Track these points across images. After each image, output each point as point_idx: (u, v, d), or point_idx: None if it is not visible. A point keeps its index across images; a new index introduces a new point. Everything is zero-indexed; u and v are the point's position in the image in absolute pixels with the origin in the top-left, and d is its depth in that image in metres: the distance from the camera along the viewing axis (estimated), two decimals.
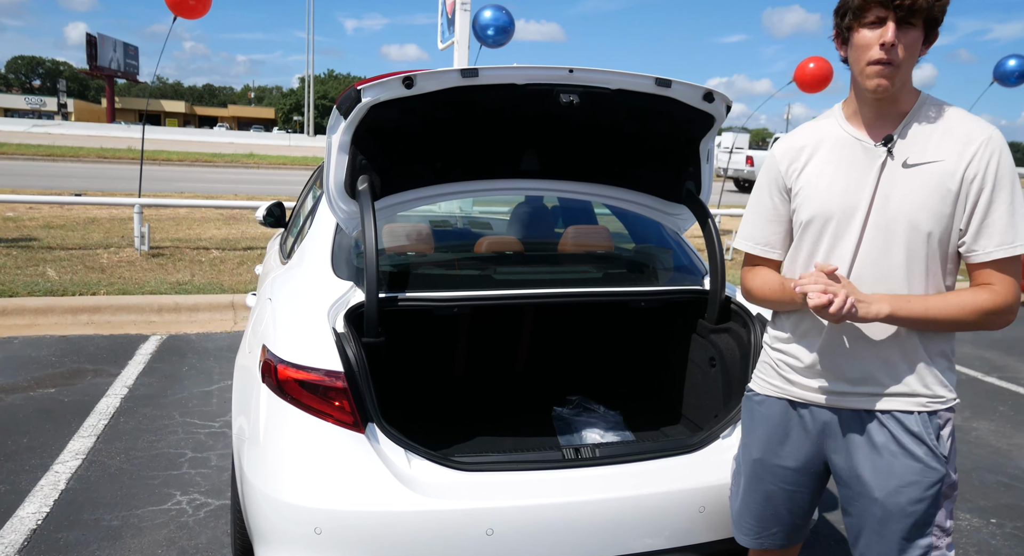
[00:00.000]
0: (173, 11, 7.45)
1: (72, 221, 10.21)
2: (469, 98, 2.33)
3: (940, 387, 1.71)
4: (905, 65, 1.62)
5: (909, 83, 1.68)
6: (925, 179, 1.63)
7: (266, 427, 2.14)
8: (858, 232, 1.70)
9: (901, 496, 1.70)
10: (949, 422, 1.72)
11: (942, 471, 1.69)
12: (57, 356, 5.13)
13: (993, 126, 1.63)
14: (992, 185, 1.59)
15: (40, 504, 3.14)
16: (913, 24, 1.58)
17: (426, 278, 2.72)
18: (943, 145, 1.63)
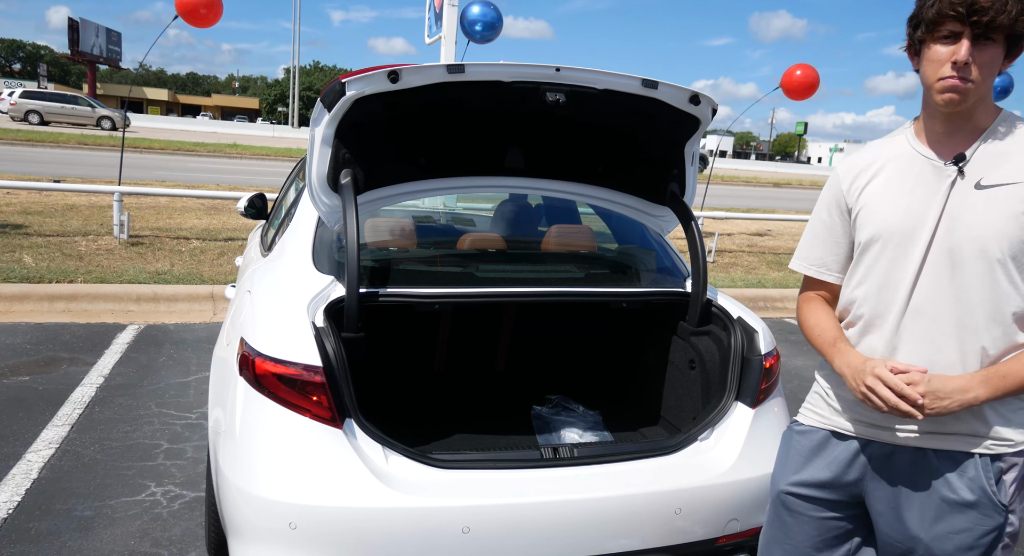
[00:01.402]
0: (184, 18, 7.37)
1: (50, 208, 10.07)
2: (455, 94, 2.32)
3: (1007, 429, 1.55)
4: (981, 83, 1.51)
5: (988, 99, 1.57)
6: (999, 202, 1.50)
7: (242, 420, 2.13)
8: (921, 255, 1.58)
9: (948, 542, 1.57)
10: (1016, 468, 1.56)
11: (999, 520, 1.55)
12: (32, 344, 5.06)
13: None
14: None
15: (12, 493, 3.10)
16: (993, 39, 1.48)
17: (408, 274, 2.71)
18: (1018, 163, 1.51)
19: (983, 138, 1.56)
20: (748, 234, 13.19)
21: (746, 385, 2.43)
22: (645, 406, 3.05)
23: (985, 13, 1.45)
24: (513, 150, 2.72)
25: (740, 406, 2.42)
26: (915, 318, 1.60)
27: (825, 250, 1.80)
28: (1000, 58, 1.51)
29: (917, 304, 1.59)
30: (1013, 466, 1.56)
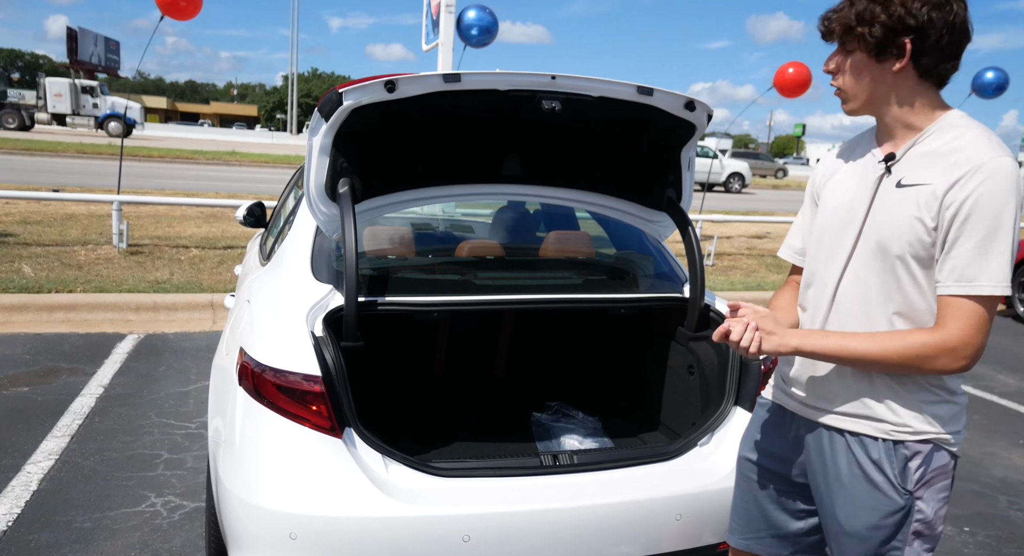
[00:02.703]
0: (163, 11, 7.38)
1: (49, 217, 10.08)
2: (451, 103, 2.32)
3: (912, 418, 1.62)
4: (856, 91, 1.59)
5: (913, 101, 1.58)
6: (908, 202, 1.55)
7: (242, 430, 2.13)
8: (849, 249, 1.66)
9: (857, 520, 1.67)
10: (920, 455, 1.62)
11: (900, 503, 1.63)
12: (31, 354, 5.06)
13: (1007, 156, 1.48)
14: (967, 215, 1.47)
15: (11, 505, 3.10)
16: (850, 48, 1.56)
17: (406, 282, 2.71)
18: (935, 168, 1.53)
19: (916, 139, 1.60)
20: (747, 237, 13.20)
21: (745, 390, 2.43)
22: (644, 412, 3.05)
23: (827, 23, 1.57)
24: (510, 157, 2.72)
25: (739, 411, 2.42)
26: (840, 307, 1.68)
27: (801, 238, 1.89)
28: (870, 63, 1.56)
29: (841, 294, 1.68)
30: (917, 454, 1.62)
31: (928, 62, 1.54)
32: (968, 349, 1.51)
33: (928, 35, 1.50)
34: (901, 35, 1.51)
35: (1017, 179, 1.47)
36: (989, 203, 1.46)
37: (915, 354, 1.53)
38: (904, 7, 1.49)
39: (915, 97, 1.59)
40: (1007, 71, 10.63)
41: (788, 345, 1.60)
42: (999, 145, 1.52)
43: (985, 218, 1.47)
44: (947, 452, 1.65)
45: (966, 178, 1.48)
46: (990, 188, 1.46)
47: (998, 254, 1.47)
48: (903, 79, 1.56)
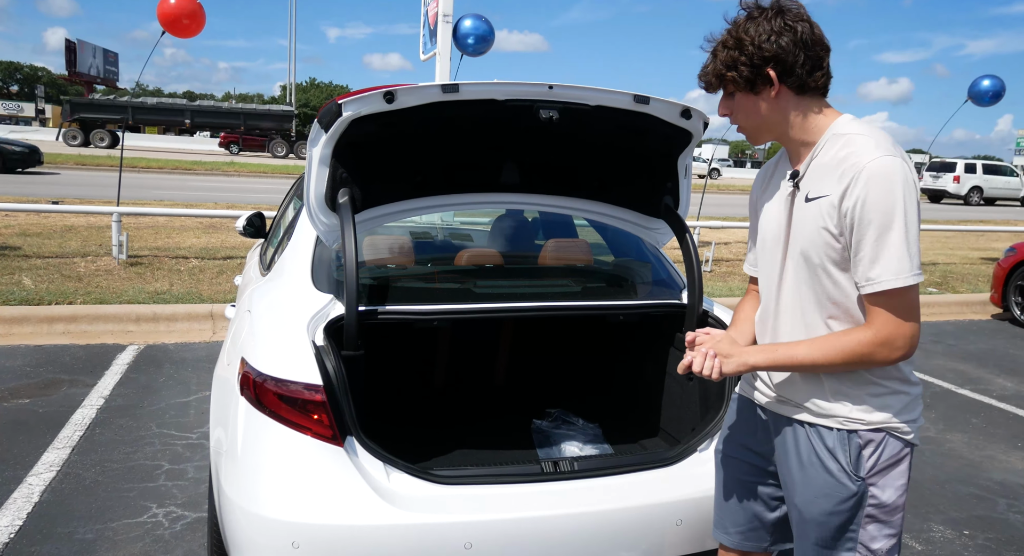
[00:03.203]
0: (167, 30, 7.42)
1: (49, 229, 10.10)
2: (450, 113, 2.35)
3: (862, 409, 1.71)
4: (752, 123, 1.75)
5: (800, 119, 1.71)
6: (816, 214, 1.66)
7: (244, 440, 2.14)
8: (781, 261, 1.79)
9: (815, 506, 1.77)
10: (873, 444, 1.71)
11: (852, 488, 1.72)
12: (32, 366, 5.07)
13: (888, 154, 1.57)
14: (859, 219, 1.58)
15: (13, 517, 3.10)
16: (730, 91, 1.72)
17: (406, 291, 2.73)
18: (831, 179, 1.63)
19: (813, 153, 1.71)
20: (745, 243, 13.23)
21: None
22: (644, 418, 3.06)
23: (704, 79, 1.76)
24: (508, 166, 2.74)
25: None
26: (783, 316, 1.80)
27: (755, 252, 1.98)
28: (750, 98, 1.71)
29: (783, 304, 1.80)
30: (870, 442, 1.72)
31: (797, 79, 1.66)
32: (900, 339, 1.61)
33: (785, 59, 1.64)
34: (763, 67, 1.65)
35: (902, 173, 1.56)
36: (876, 204, 1.56)
37: (854, 352, 1.63)
38: (755, 45, 1.64)
39: (802, 113, 1.71)
40: (1002, 77, 10.69)
41: (746, 364, 1.72)
42: (882, 145, 1.60)
43: (876, 219, 1.56)
44: (900, 440, 1.73)
45: (852, 184, 1.58)
46: (874, 190, 1.56)
47: (893, 248, 1.56)
48: (784, 101, 1.69)
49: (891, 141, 1.64)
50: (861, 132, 1.65)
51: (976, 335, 7.72)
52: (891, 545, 1.78)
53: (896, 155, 1.59)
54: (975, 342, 7.39)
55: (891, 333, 1.61)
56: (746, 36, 1.65)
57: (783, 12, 1.65)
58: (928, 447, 4.49)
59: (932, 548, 3.30)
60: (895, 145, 1.63)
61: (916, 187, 1.60)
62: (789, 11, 1.66)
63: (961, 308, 8.92)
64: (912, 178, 1.58)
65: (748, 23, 1.66)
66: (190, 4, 7.33)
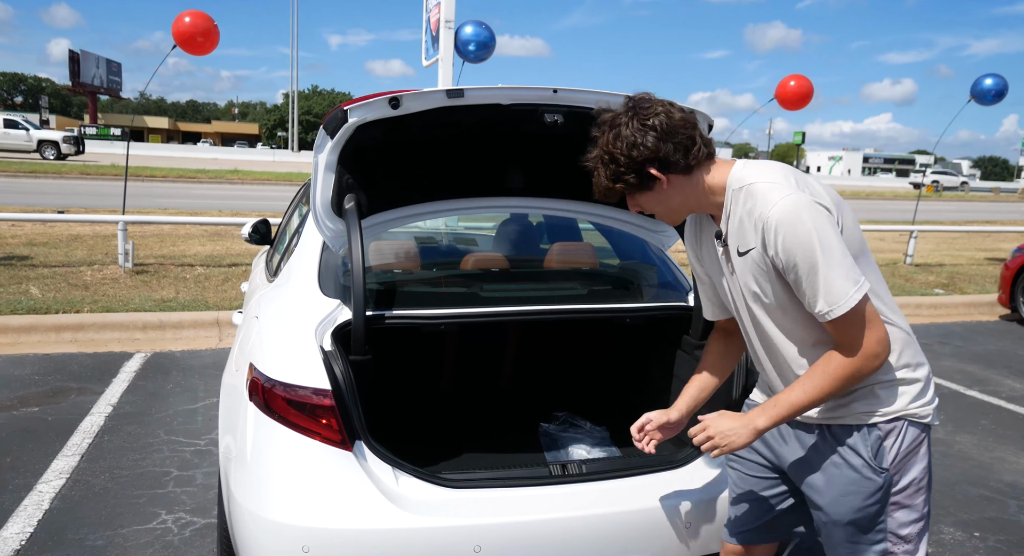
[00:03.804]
0: (182, 47, 7.47)
1: (55, 238, 10.14)
2: (455, 118, 2.36)
3: (875, 403, 1.77)
4: (662, 211, 1.83)
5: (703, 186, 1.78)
6: (752, 264, 1.75)
7: (253, 445, 2.15)
8: (746, 310, 1.86)
9: (842, 505, 1.80)
10: (894, 433, 1.76)
11: (879, 481, 1.76)
12: (40, 374, 5.09)
13: (785, 195, 1.64)
14: (787, 263, 1.65)
15: (24, 524, 3.12)
16: (629, 193, 1.79)
17: (413, 296, 2.74)
18: (750, 233, 1.72)
19: (725, 213, 1.79)
20: None
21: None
22: None
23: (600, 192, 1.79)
24: (513, 170, 2.75)
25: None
26: (773, 357, 1.87)
27: (710, 301, 2.10)
28: (649, 194, 1.77)
29: (766, 345, 1.87)
30: (890, 432, 1.76)
31: (678, 163, 1.72)
32: (875, 346, 1.66)
33: (658, 152, 1.70)
34: (643, 168, 1.71)
35: (804, 207, 1.62)
36: (794, 248, 1.62)
37: (844, 375, 1.68)
38: (625, 155, 1.70)
39: (699, 186, 1.78)
40: (1005, 77, 10.67)
41: (756, 431, 1.76)
42: (777, 185, 1.67)
43: (799, 260, 1.63)
44: (919, 425, 1.78)
45: (767, 235, 1.66)
46: (785, 235, 1.62)
47: (828, 280, 1.62)
48: (678, 184, 1.76)
49: (784, 174, 1.71)
50: (756, 179, 1.71)
51: (984, 336, 7.70)
52: (920, 528, 1.82)
53: (791, 188, 1.65)
54: (983, 343, 7.36)
55: (864, 346, 1.66)
56: (615, 149, 1.71)
57: (637, 112, 1.71)
58: (937, 449, 4.48)
59: (943, 551, 3.29)
60: (788, 176, 1.71)
61: (829, 210, 1.66)
62: (641, 109, 1.71)
63: (968, 309, 8.89)
64: (814, 203, 1.64)
65: (611, 135, 1.73)
66: (205, 22, 7.38)
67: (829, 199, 1.71)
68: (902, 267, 11.37)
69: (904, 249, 12.19)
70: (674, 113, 1.71)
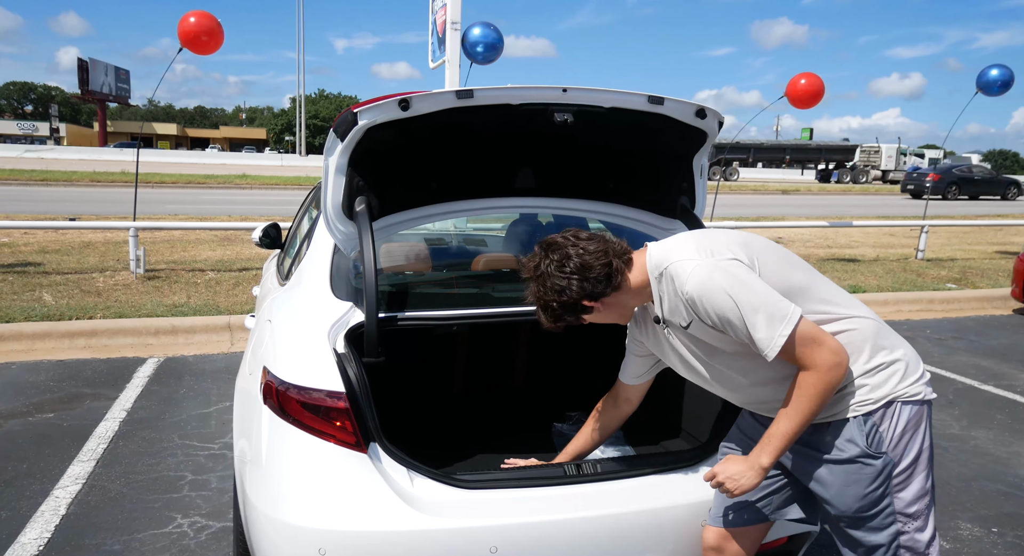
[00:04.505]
0: (187, 47, 7.51)
1: (67, 246, 10.21)
2: (464, 119, 2.36)
3: (863, 394, 1.85)
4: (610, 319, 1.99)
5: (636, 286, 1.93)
6: (699, 331, 1.88)
7: (268, 448, 2.15)
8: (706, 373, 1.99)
9: (847, 495, 1.86)
10: (889, 416, 1.84)
11: (877, 465, 1.83)
12: (55, 381, 5.12)
13: (692, 268, 1.80)
14: (720, 321, 1.79)
15: (41, 530, 3.13)
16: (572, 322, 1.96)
17: (425, 297, 2.74)
18: (682, 310, 1.86)
19: (657, 301, 1.94)
20: None
21: None
22: (665, 419, 3.05)
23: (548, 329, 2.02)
24: (523, 170, 2.75)
25: None
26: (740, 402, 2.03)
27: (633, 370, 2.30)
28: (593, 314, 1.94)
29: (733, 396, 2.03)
30: (884, 416, 1.85)
31: (604, 290, 1.88)
32: (828, 359, 1.75)
33: (583, 291, 1.86)
34: (579, 303, 1.89)
35: (711, 272, 1.77)
36: (719, 308, 1.77)
37: (818, 392, 1.77)
38: (558, 302, 1.89)
39: (629, 292, 1.93)
40: (1012, 68, 10.59)
41: (762, 470, 1.83)
42: (685, 260, 1.82)
43: (728, 317, 1.76)
44: (913, 403, 1.86)
45: (695, 308, 1.81)
46: (707, 301, 1.77)
47: (756, 326, 1.75)
48: (613, 300, 1.92)
49: (688, 242, 1.87)
50: (667, 260, 1.86)
51: (998, 330, 7.64)
52: (926, 503, 1.89)
53: (693, 259, 1.81)
54: (997, 337, 7.31)
55: (820, 362, 1.75)
56: (547, 297, 1.89)
57: (553, 258, 1.87)
58: (953, 444, 4.45)
59: (960, 546, 3.26)
60: (692, 245, 1.85)
61: (731, 265, 1.79)
62: (555, 251, 1.87)
63: (981, 303, 8.83)
64: (720, 264, 1.78)
65: (538, 286, 1.90)
66: (209, 21, 7.42)
67: (736, 247, 1.83)
68: (913, 262, 11.31)
69: (915, 244, 12.13)
70: (584, 247, 1.86)
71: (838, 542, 2.00)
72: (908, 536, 1.88)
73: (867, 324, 1.87)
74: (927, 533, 1.90)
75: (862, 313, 1.89)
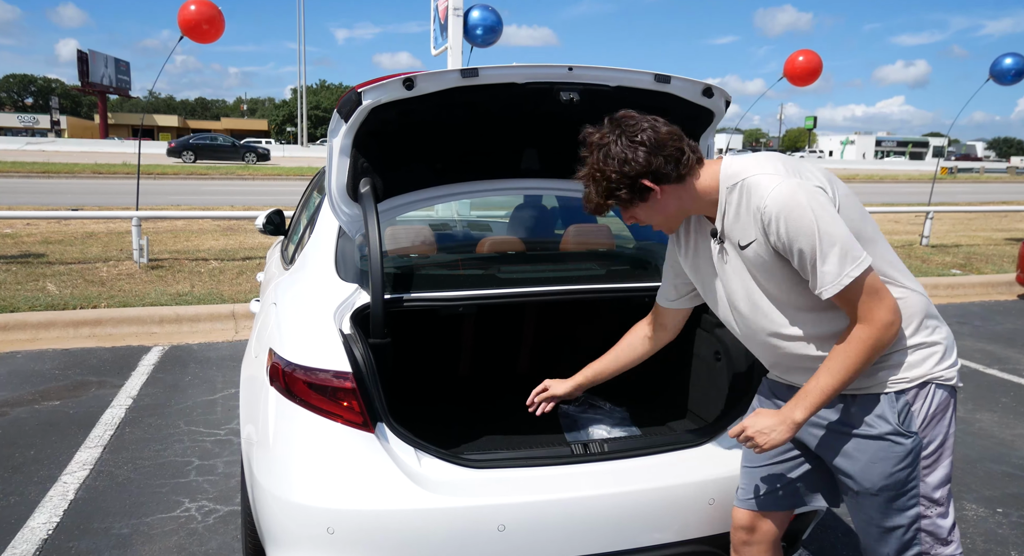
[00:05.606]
0: (187, 35, 7.48)
1: (70, 236, 10.21)
2: (469, 99, 2.34)
3: (901, 371, 1.78)
4: (657, 221, 1.87)
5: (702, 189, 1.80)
6: (755, 257, 1.77)
7: (276, 430, 2.15)
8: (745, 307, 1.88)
9: (873, 472, 1.81)
10: (921, 397, 1.78)
11: (908, 445, 1.77)
12: (60, 369, 5.13)
13: (777, 182, 1.68)
14: (789, 246, 1.68)
15: (50, 514, 3.15)
16: (622, 205, 1.81)
17: (430, 278, 2.73)
18: (749, 226, 1.75)
19: (720, 211, 1.82)
20: None
21: None
22: (672, 400, 3.05)
23: (591, 206, 1.85)
24: (528, 151, 2.74)
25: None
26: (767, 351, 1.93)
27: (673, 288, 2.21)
28: (643, 205, 1.80)
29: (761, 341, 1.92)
30: (918, 396, 1.78)
31: (669, 173, 1.75)
32: (885, 316, 1.68)
33: (649, 166, 1.73)
34: (636, 181, 1.74)
35: (798, 191, 1.66)
36: (796, 231, 1.66)
37: (866, 350, 1.69)
38: (617, 171, 1.73)
39: (692, 191, 1.81)
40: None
41: (794, 425, 1.76)
42: (768, 174, 1.70)
43: (803, 243, 1.66)
44: (946, 388, 1.81)
45: (768, 225, 1.69)
46: (786, 220, 1.66)
47: (828, 259, 1.65)
48: (672, 193, 1.79)
49: (774, 164, 1.73)
50: (748, 172, 1.74)
51: (1003, 315, 7.63)
52: (948, 490, 1.85)
53: (783, 175, 1.68)
54: (1002, 322, 7.30)
55: (876, 317, 1.68)
56: (606, 166, 1.74)
57: (623, 130, 1.74)
58: (959, 427, 4.42)
59: (966, 526, 3.27)
60: (779, 165, 1.72)
61: (824, 190, 1.69)
62: (627, 126, 1.74)
63: (986, 289, 8.82)
64: (812, 186, 1.67)
65: (600, 154, 1.76)
66: (210, 9, 7.39)
67: (823, 178, 1.73)
68: (918, 248, 11.28)
69: (920, 230, 12.10)
70: (660, 127, 1.75)
71: (855, 521, 1.96)
72: (930, 521, 1.85)
73: (919, 299, 1.81)
74: (949, 520, 1.87)
75: (916, 287, 1.83)
